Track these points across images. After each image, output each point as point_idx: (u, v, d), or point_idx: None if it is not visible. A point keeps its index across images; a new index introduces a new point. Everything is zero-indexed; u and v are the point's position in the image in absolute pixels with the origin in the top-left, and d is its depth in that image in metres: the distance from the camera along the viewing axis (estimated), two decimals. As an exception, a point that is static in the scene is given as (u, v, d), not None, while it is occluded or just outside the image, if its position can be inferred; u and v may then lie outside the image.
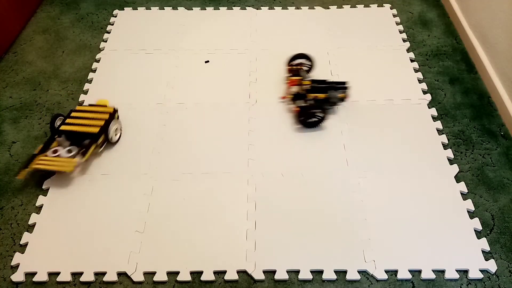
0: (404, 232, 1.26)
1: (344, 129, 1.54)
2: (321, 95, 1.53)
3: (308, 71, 1.69)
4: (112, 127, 1.45)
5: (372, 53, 1.82)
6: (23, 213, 1.33)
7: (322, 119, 1.52)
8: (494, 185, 1.38)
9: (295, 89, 1.59)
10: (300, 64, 1.69)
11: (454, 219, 1.29)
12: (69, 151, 1.38)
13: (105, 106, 1.52)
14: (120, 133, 1.51)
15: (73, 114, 1.48)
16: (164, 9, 2.06)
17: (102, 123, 1.42)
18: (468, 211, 1.31)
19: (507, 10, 1.58)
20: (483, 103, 1.64)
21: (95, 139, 1.39)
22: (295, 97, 1.56)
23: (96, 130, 1.40)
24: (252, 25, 1.97)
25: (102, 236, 1.26)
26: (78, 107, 1.51)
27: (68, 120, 1.45)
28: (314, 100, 1.53)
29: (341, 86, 1.56)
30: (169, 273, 1.19)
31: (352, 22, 1.97)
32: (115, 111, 1.50)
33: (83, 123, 1.43)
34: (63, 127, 1.42)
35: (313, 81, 1.57)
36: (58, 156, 1.37)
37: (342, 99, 1.58)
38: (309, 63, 1.69)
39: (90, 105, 1.56)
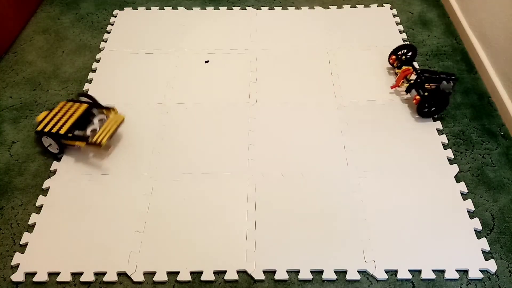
0: (404, 232, 1.26)
1: (344, 129, 1.54)
2: (434, 85, 1.54)
3: (412, 60, 1.70)
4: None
5: (372, 53, 1.82)
6: (23, 213, 1.33)
7: (445, 103, 1.51)
8: (494, 185, 1.38)
9: (412, 77, 1.60)
10: (405, 54, 1.70)
11: (454, 219, 1.29)
12: (93, 128, 1.48)
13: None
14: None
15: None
16: (164, 9, 2.06)
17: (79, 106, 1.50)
18: (468, 211, 1.31)
19: (507, 10, 1.58)
20: (483, 103, 1.64)
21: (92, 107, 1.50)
22: (411, 87, 1.57)
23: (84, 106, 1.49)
24: (252, 25, 1.97)
25: (102, 236, 1.26)
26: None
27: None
28: (429, 90, 1.52)
29: (451, 78, 1.53)
30: (169, 273, 1.19)
31: (352, 22, 1.97)
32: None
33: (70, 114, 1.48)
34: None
35: (423, 71, 1.56)
36: (95, 130, 1.47)
37: (450, 92, 1.55)
38: (410, 53, 1.70)
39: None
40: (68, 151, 1.48)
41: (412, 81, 1.57)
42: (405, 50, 1.70)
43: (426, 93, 1.51)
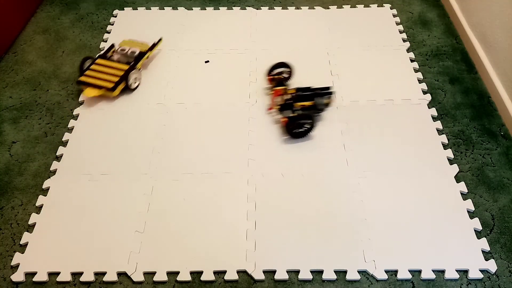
0: (404, 232, 1.26)
1: (344, 129, 1.54)
2: (307, 103, 1.51)
3: (288, 79, 1.66)
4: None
5: (372, 53, 1.82)
6: (23, 213, 1.33)
7: (311, 128, 1.48)
8: (494, 185, 1.38)
9: (281, 99, 1.54)
10: (281, 73, 1.66)
11: (454, 219, 1.29)
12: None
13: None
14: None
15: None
16: (164, 9, 2.06)
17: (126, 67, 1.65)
18: (468, 211, 1.31)
19: (507, 10, 1.58)
20: (483, 103, 1.64)
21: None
22: (282, 108, 1.52)
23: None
24: (252, 25, 1.97)
25: (102, 236, 1.26)
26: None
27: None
28: (301, 109, 1.50)
29: (326, 92, 1.54)
30: (169, 273, 1.19)
31: (352, 22, 1.97)
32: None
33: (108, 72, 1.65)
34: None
35: (298, 89, 1.54)
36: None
37: (327, 105, 1.55)
38: (288, 70, 1.66)
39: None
40: (68, 152, 1.48)
41: (283, 103, 1.51)
42: (281, 69, 1.66)
43: (295, 114, 1.46)
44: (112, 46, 1.75)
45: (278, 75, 1.64)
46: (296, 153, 1.47)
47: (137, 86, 1.68)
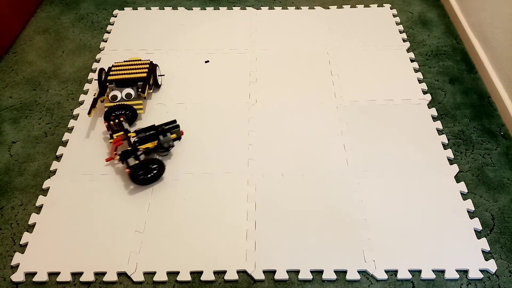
0: (404, 232, 1.26)
1: (344, 129, 1.54)
2: (151, 144, 1.38)
3: (132, 121, 1.52)
4: (157, 72, 1.62)
5: (372, 53, 1.82)
6: (23, 213, 1.33)
7: (161, 170, 1.36)
8: (494, 185, 1.38)
9: (120, 147, 1.41)
10: (119, 116, 1.48)
11: (454, 219, 1.29)
12: (128, 95, 1.52)
13: (139, 59, 1.66)
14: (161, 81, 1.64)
15: (114, 68, 1.61)
16: (164, 9, 2.06)
17: (146, 70, 1.60)
18: (468, 211, 1.31)
19: (507, 10, 1.58)
20: (483, 103, 1.64)
21: (147, 81, 1.56)
22: (123, 156, 1.33)
23: (144, 74, 1.58)
24: (252, 25, 1.97)
25: (102, 236, 1.26)
26: (115, 63, 1.63)
27: (113, 72, 1.59)
28: (145, 151, 1.37)
29: (170, 127, 1.42)
30: (169, 273, 1.19)
31: (352, 22, 1.97)
32: (152, 62, 1.65)
33: (129, 72, 1.59)
34: (113, 77, 1.56)
35: (138, 131, 1.40)
36: (118, 101, 1.51)
37: (176, 139, 1.43)
38: (128, 111, 1.49)
39: (125, 61, 1.67)
40: (68, 152, 1.48)
41: (123, 150, 1.34)
42: (121, 112, 1.48)
43: (135, 162, 1.32)
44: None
45: (116, 119, 1.45)
46: (296, 153, 1.47)
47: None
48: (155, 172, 1.36)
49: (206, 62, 1.80)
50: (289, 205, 1.32)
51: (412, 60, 1.79)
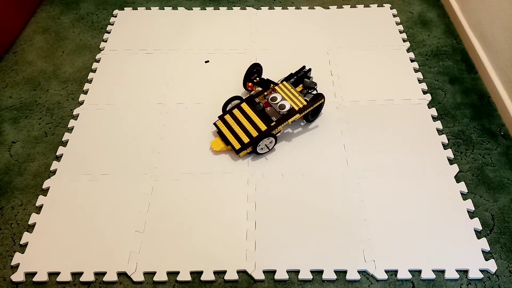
0: (404, 232, 1.26)
1: (344, 129, 1.54)
2: (299, 88, 1.60)
3: (260, 76, 1.66)
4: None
5: (372, 53, 1.82)
6: (23, 213, 1.33)
7: (321, 105, 1.52)
8: (494, 185, 1.38)
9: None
10: (256, 75, 1.63)
11: (454, 219, 1.29)
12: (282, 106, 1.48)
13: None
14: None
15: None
16: (164, 9, 2.06)
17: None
18: (468, 211, 1.31)
19: (507, 10, 1.58)
20: (483, 103, 1.64)
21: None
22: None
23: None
24: (252, 25, 1.97)
25: (102, 236, 1.26)
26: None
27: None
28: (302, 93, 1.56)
29: (305, 71, 1.62)
30: (169, 273, 1.19)
31: (352, 22, 1.97)
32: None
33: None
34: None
35: (283, 80, 1.57)
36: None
37: (315, 83, 1.59)
38: (259, 69, 1.64)
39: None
40: (68, 152, 1.48)
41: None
42: (254, 70, 1.61)
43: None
44: (268, 88, 1.54)
45: (256, 78, 1.62)
46: (296, 153, 1.47)
47: (266, 152, 1.46)
48: (318, 106, 1.50)
49: (206, 62, 1.80)
50: (289, 205, 1.32)
51: (412, 60, 1.79)
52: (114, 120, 1.58)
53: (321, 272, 1.19)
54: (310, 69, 1.63)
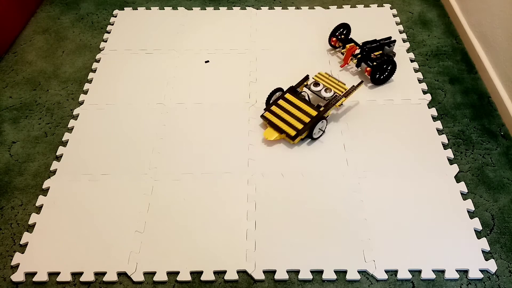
0: (404, 232, 1.26)
1: (344, 129, 1.54)
2: (377, 53, 1.71)
3: (348, 37, 1.82)
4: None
5: (372, 53, 1.82)
6: (23, 213, 1.33)
7: (394, 69, 1.66)
8: (494, 185, 1.38)
9: (356, 52, 1.72)
10: (342, 33, 1.82)
11: (454, 219, 1.29)
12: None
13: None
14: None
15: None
16: (164, 9, 2.06)
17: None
18: (468, 211, 1.31)
19: (507, 10, 1.58)
20: (483, 103, 1.64)
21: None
22: (360, 61, 1.68)
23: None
24: (252, 25, 1.97)
25: (102, 236, 1.26)
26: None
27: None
28: (375, 58, 1.66)
29: (391, 40, 1.73)
30: (169, 273, 1.19)
31: (352, 22, 1.97)
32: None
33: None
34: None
35: (364, 43, 1.72)
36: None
37: (394, 53, 1.75)
38: (345, 31, 1.82)
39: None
40: (68, 152, 1.48)
41: (359, 56, 1.68)
42: (342, 29, 1.80)
43: (374, 63, 1.62)
44: (306, 78, 1.61)
45: (341, 35, 1.80)
46: (296, 153, 1.47)
47: (319, 136, 1.51)
48: (389, 70, 1.66)
49: (206, 62, 1.80)
50: (289, 205, 1.32)
51: (412, 60, 1.79)
52: (114, 120, 1.58)
53: (321, 272, 1.19)
54: (395, 40, 1.74)
